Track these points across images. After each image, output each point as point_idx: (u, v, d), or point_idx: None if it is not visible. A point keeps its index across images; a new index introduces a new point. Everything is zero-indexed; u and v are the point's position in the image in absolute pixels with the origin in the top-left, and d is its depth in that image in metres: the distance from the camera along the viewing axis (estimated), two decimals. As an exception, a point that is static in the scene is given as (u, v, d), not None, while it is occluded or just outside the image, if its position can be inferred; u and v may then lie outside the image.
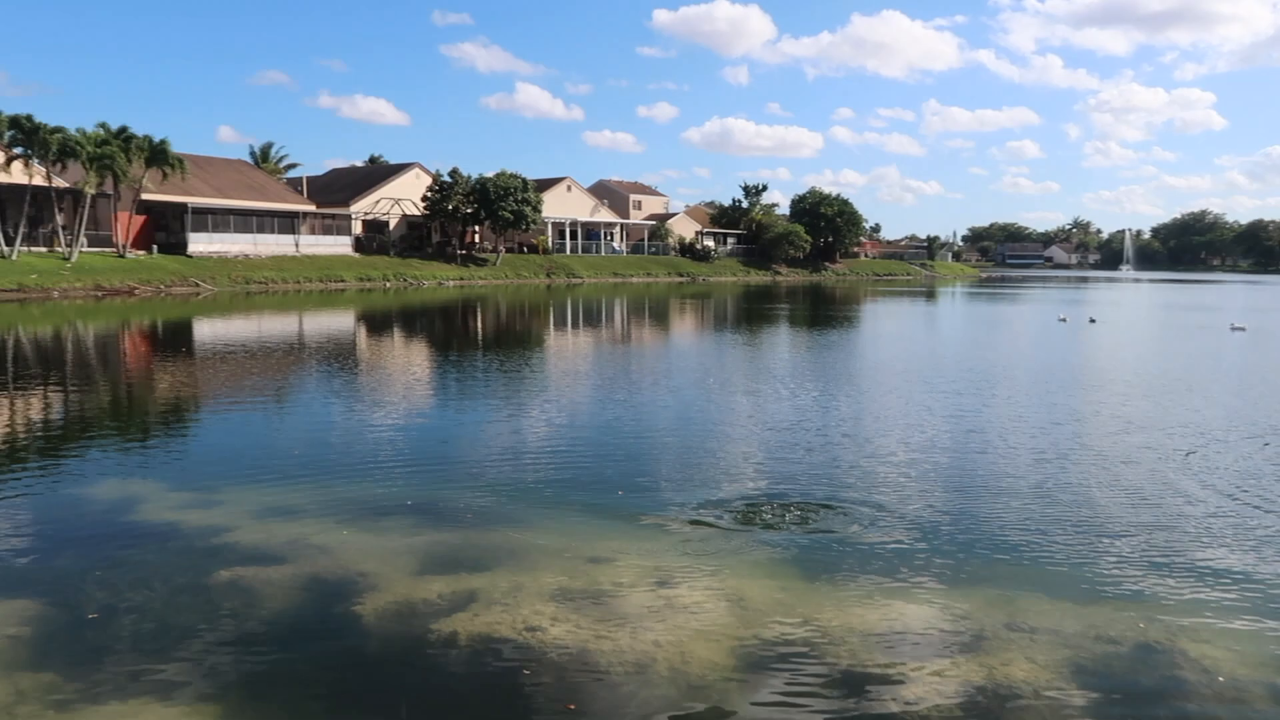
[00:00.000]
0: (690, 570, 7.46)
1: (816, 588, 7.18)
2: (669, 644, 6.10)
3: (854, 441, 12.89)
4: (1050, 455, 12.04)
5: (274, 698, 5.45)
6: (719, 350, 27.48)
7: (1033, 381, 20.08)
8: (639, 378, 20.29)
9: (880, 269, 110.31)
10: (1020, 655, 6.07)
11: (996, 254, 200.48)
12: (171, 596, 6.82)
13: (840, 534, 8.50)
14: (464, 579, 7.13)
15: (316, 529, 8.35)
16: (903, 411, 15.74)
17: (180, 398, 17.13)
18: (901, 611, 6.75)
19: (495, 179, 67.81)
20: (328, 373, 20.87)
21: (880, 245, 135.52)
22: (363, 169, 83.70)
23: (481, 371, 20.99)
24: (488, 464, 11.34)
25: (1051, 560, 7.91)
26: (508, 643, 6.07)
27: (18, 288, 40.58)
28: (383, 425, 14.12)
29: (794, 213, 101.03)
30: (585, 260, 78.97)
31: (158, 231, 54.15)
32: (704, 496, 9.64)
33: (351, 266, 60.14)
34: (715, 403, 16.56)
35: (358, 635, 6.24)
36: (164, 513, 8.93)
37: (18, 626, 6.21)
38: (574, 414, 15.30)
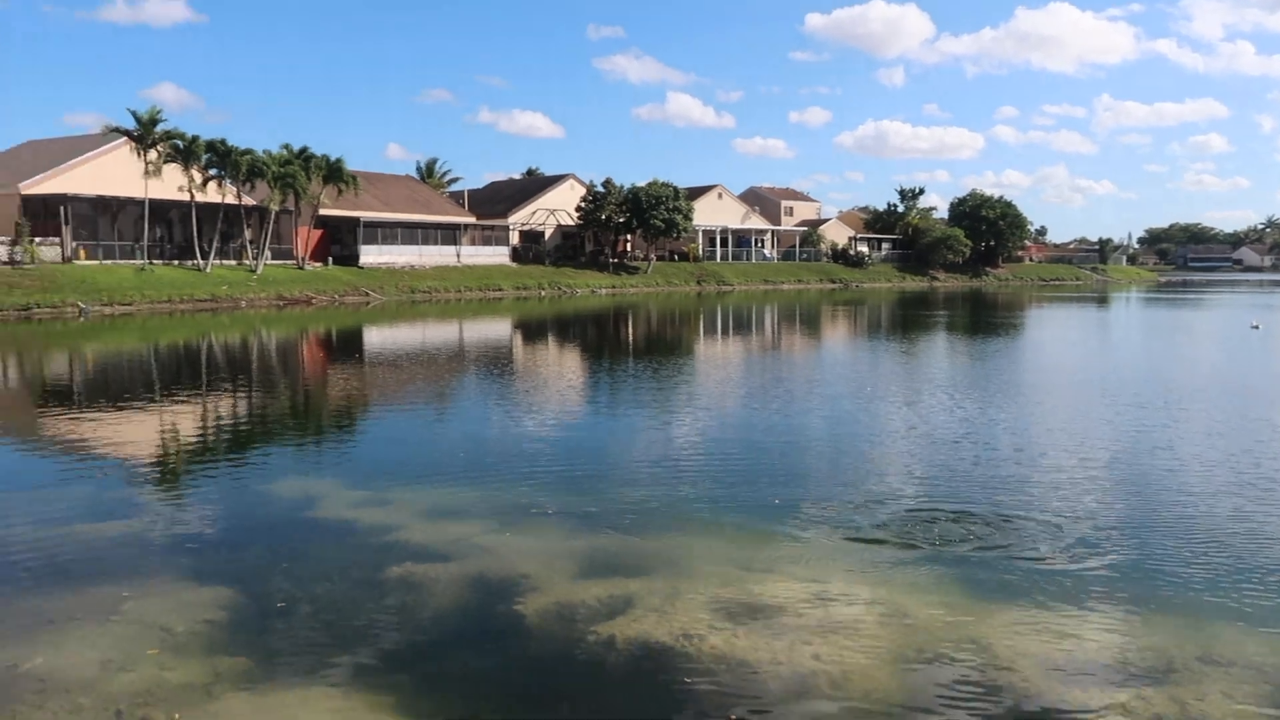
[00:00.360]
0: (850, 584, 7.27)
1: (986, 608, 6.85)
2: (829, 659, 5.95)
3: (1024, 455, 12.27)
4: (1249, 474, 11.08)
5: (441, 690, 5.65)
6: (874, 358, 26.80)
7: (1225, 394, 18.59)
8: (792, 385, 20.02)
9: (1046, 273, 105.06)
10: (1216, 690, 5.59)
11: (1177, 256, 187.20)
12: (349, 590, 7.19)
13: (1011, 552, 8.08)
14: (621, 583, 7.19)
15: (480, 529, 8.63)
16: (1079, 424, 14.87)
17: (352, 401, 18.12)
18: (1080, 638, 6.34)
19: (647, 188, 68.62)
20: (487, 378, 21.62)
21: (1046, 249, 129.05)
22: (520, 181, 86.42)
23: (633, 378, 21.23)
24: (642, 470, 11.43)
25: (1251, 589, 7.25)
26: (666, 649, 6.08)
27: (211, 298, 44.02)
28: (540, 430, 14.48)
29: (953, 216, 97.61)
30: (735, 267, 78.75)
31: (333, 244, 57.59)
32: (863, 509, 9.38)
33: (509, 276, 62.16)
34: (872, 412, 16.13)
35: (520, 634, 6.40)
36: (340, 510, 9.44)
37: (215, 612, 6.69)
38: (726, 421, 15.24)
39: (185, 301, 42.75)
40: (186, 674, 5.70)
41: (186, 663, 5.86)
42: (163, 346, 29.38)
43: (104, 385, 20.61)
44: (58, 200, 45.04)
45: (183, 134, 46.65)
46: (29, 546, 8.25)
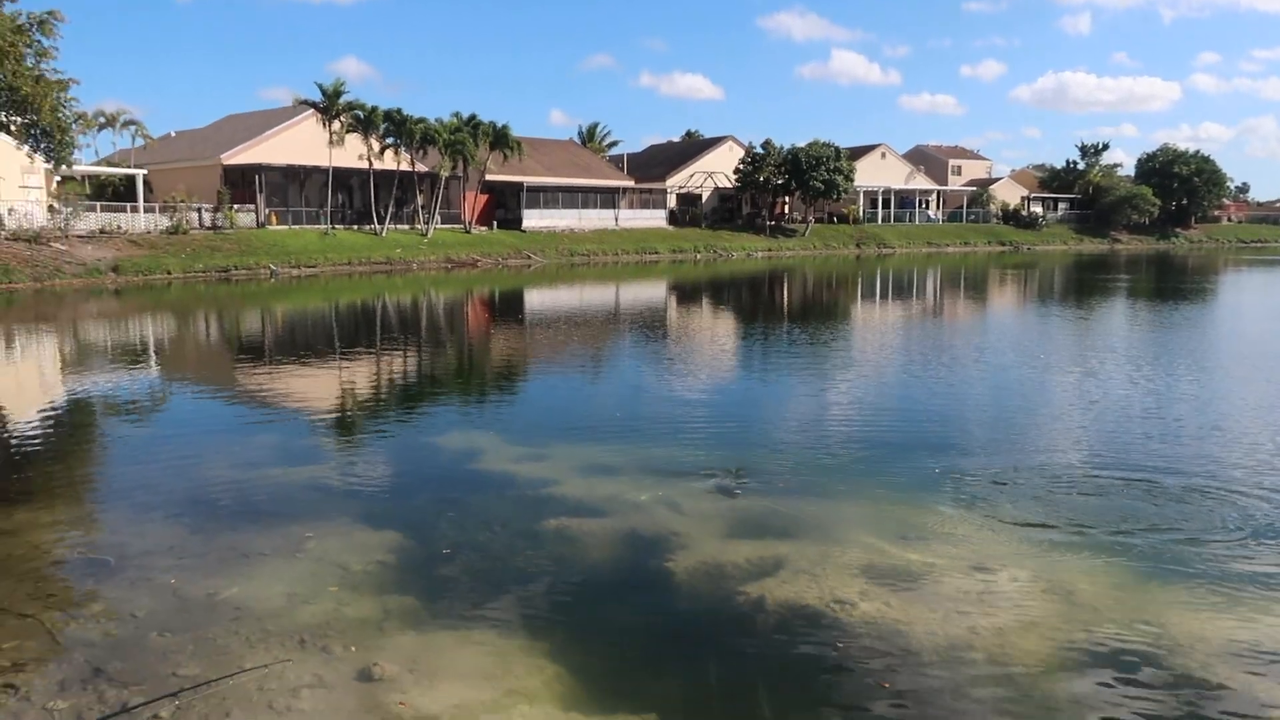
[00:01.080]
0: (1010, 557, 7.00)
1: (1159, 590, 6.45)
2: (987, 632, 5.77)
3: (1210, 431, 11.41)
4: None
5: (590, 639, 5.83)
6: (1045, 325, 25.43)
7: None
8: (954, 352, 19.29)
9: (1246, 235, 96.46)
10: None
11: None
12: (509, 539, 7.51)
13: (1189, 533, 7.56)
14: (771, 545, 7.19)
15: (632, 487, 8.81)
16: (1271, 399, 13.67)
17: (513, 360, 18.77)
18: (1264, 625, 5.89)
19: (807, 149, 67.14)
20: (642, 340, 21.90)
21: (1248, 208, 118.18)
22: (678, 144, 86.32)
23: (786, 342, 21.00)
24: (795, 433, 11.34)
25: None
26: (816, 613, 6.05)
27: (386, 260, 46.42)
28: (693, 391, 14.59)
29: (1140, 173, 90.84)
30: (897, 230, 76.18)
31: (497, 209, 59.43)
32: (1029, 482, 8.98)
33: (665, 239, 62.43)
34: (1043, 381, 15.36)
35: (669, 591, 6.52)
36: (501, 463, 9.84)
37: (388, 554, 7.14)
38: (884, 387, 14.88)
39: (363, 264, 45.26)
40: (360, 610, 6.12)
41: (361, 599, 6.29)
42: (342, 306, 31.27)
43: (291, 342, 22.17)
44: (253, 170, 48.49)
45: (363, 105, 49.08)
46: (226, 487, 9.03)
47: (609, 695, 5.14)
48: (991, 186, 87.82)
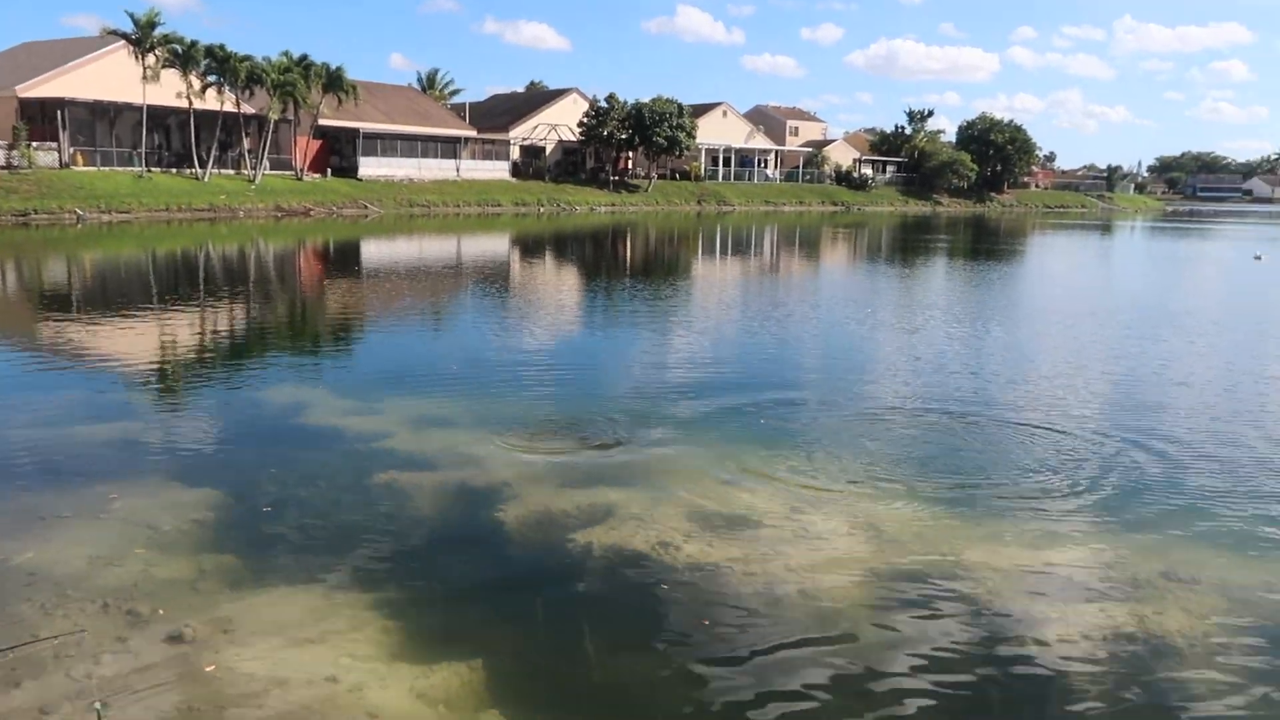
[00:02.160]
0: (827, 499, 7.40)
1: (959, 523, 6.99)
2: (801, 568, 6.10)
3: (1010, 381, 12.35)
4: (1231, 401, 11.18)
5: (420, 592, 5.79)
6: (872, 283, 26.73)
7: (1218, 322, 18.60)
8: (786, 307, 20.02)
9: (1051, 200, 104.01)
10: (1176, 606, 5.75)
11: (1186, 186, 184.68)
12: (335, 494, 7.32)
13: (990, 472, 8.22)
14: (602, 493, 7.32)
15: (466, 439, 8.74)
16: (1071, 351, 14.92)
17: (348, 313, 18.14)
18: (1049, 552, 6.49)
19: (651, 105, 67.39)
20: (483, 293, 21.60)
21: (1054, 175, 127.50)
22: (522, 95, 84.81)
23: (628, 296, 21.21)
24: (631, 385, 11.51)
25: (1222, 510, 7.39)
26: (642, 557, 6.22)
27: (209, 207, 43.63)
28: (532, 345, 14.55)
29: (961, 140, 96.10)
30: (737, 188, 77.84)
31: (331, 155, 56.79)
32: (847, 427, 9.49)
33: (508, 191, 61.48)
34: (867, 336, 16.17)
35: (499, 541, 6.54)
36: (331, 418, 9.54)
37: (203, 512, 6.82)
38: (720, 341, 15.29)
39: (183, 210, 42.38)
40: (172, 570, 5.84)
41: (172, 560, 6.00)
42: (160, 255, 29.26)
43: (101, 293, 20.60)
44: (55, 104, 44.22)
45: (181, 38, 45.55)
46: (23, 447, 8.36)
47: (436, 644, 5.13)
48: (826, 148, 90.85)
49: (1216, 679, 4.97)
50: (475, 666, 4.88)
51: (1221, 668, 5.07)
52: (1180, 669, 5.06)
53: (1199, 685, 4.90)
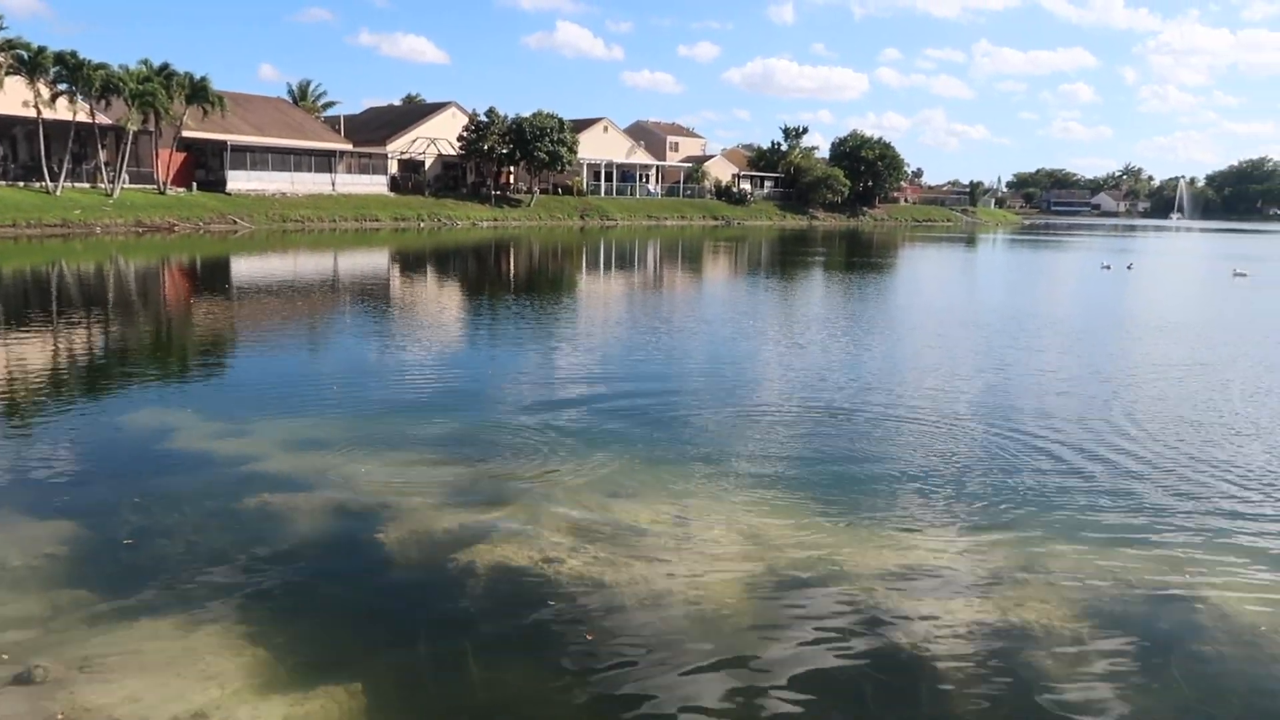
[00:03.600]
0: (709, 507, 7.52)
1: (834, 526, 7.21)
2: (684, 576, 6.18)
3: (883, 386, 12.83)
4: (1081, 401, 11.91)
5: (295, 619, 5.60)
6: (753, 294, 27.32)
7: (1071, 328, 19.77)
8: (667, 321, 20.26)
9: (919, 214, 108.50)
10: (1035, 598, 6.07)
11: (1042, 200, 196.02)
12: (202, 521, 7.01)
13: (863, 476, 8.51)
14: (485, 511, 7.25)
15: (344, 460, 8.51)
16: (935, 357, 15.60)
17: (217, 333, 17.40)
18: (918, 551, 6.77)
19: (531, 119, 67.25)
20: (361, 311, 21.09)
21: (921, 190, 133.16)
22: (399, 108, 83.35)
23: (511, 312, 21.08)
24: (515, 401, 11.43)
25: (1075, 506, 7.86)
26: (526, 573, 6.19)
27: (61, 223, 41.18)
28: (413, 363, 14.28)
29: (834, 156, 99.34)
30: (619, 202, 78.40)
31: (197, 169, 54.52)
32: (730, 436, 9.68)
33: (386, 206, 60.26)
34: (744, 346, 16.51)
35: (378, 563, 6.39)
36: (198, 442, 9.14)
37: (56, 546, 6.43)
38: (604, 355, 15.35)
39: (32, 226, 39.87)
40: (22, 609, 5.48)
41: (22, 598, 5.63)
42: (7, 274, 27.44)
43: (-62, 314, 19.16)
44: (-120, 113, 41.09)
45: (28, 44, 42.91)
46: None
47: (312, 671, 4.97)
48: (706, 164, 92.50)
49: (1071, 663, 5.27)
50: (354, 691, 4.76)
51: (1074, 652, 5.39)
52: (1038, 655, 5.35)
53: (1055, 669, 5.19)
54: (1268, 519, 7.63)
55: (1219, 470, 8.94)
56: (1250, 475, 8.82)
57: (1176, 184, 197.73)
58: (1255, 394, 12.90)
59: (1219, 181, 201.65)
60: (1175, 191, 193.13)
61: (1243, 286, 32.05)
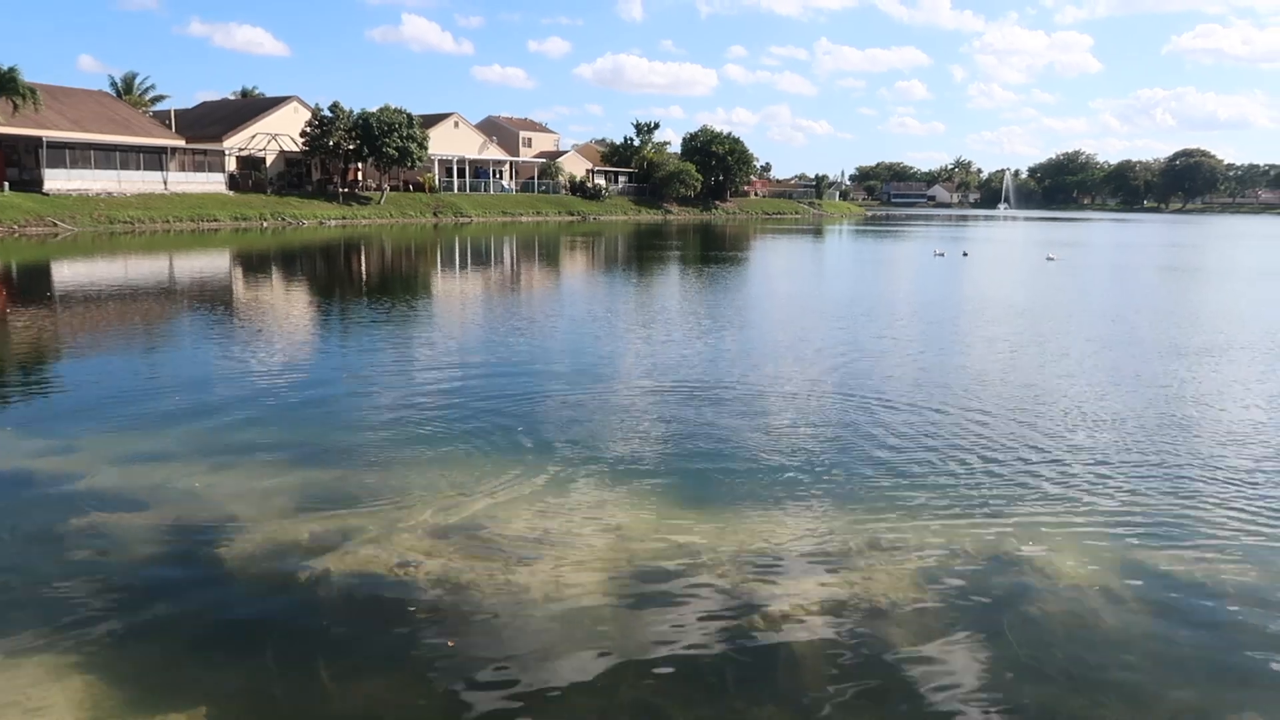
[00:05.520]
0: (569, 503, 7.52)
1: (693, 515, 7.34)
2: (545, 574, 6.16)
3: (736, 375, 13.14)
4: (919, 381, 12.54)
5: (130, 646, 5.27)
6: (609, 290, 27.48)
7: (908, 311, 20.80)
8: (525, 318, 20.14)
9: (769, 208, 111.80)
10: (882, 572, 6.36)
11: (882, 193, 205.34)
12: (21, 546, 6.50)
13: (719, 463, 8.70)
14: (337, 518, 7.02)
15: (182, 474, 8.06)
16: (786, 343, 16.11)
17: (38, 344, 16.13)
18: (773, 534, 6.97)
19: (379, 114, 65.47)
20: (201, 316, 20.01)
21: (770, 184, 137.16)
22: (236, 102, 79.50)
23: (363, 313, 20.47)
24: (367, 405, 11.11)
25: (916, 481, 8.27)
26: (381, 580, 6.03)
27: None
28: (259, 370, 13.64)
29: (685, 151, 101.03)
30: (473, 199, 77.35)
31: (9, 167, 50.42)
32: (589, 431, 9.70)
33: (225, 205, 57.40)
34: (603, 339, 16.59)
35: (222, 579, 6.09)
36: (16, 461, 8.46)
37: None
38: (458, 355, 15.10)
39: None
40: None
41: None
42: None
43: None
44: None
45: None
46: None
47: (152, 699, 4.69)
48: (560, 159, 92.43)
49: (915, 630, 5.56)
50: (196, 716, 4.52)
51: (917, 620, 5.68)
52: (885, 626, 5.61)
53: (901, 637, 5.46)
54: (1087, 485, 8.25)
55: (1045, 442, 9.60)
56: (1073, 446, 9.51)
57: (1003, 176, 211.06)
58: (1075, 371, 13.91)
59: (1040, 173, 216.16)
60: (1002, 183, 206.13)
61: (1053, 270, 34.67)
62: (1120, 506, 7.73)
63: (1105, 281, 31.90)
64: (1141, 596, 6.08)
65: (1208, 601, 6.03)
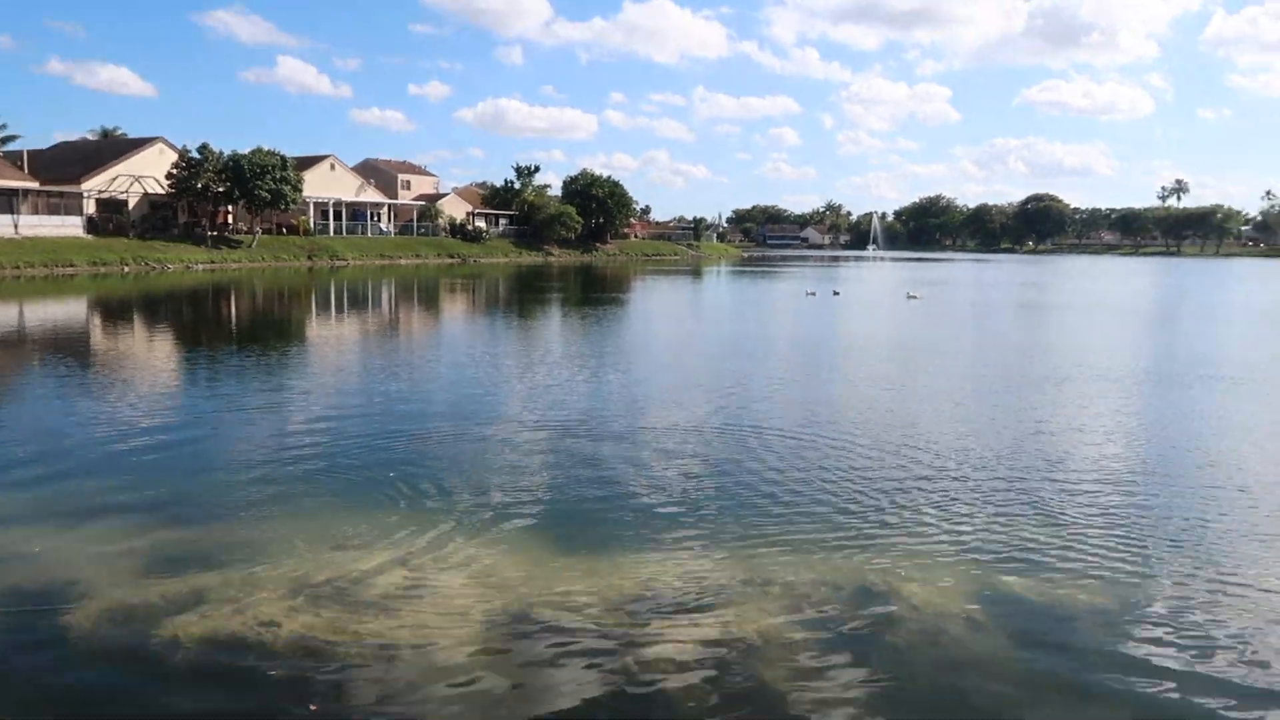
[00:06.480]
0: (441, 551, 7.37)
1: (566, 559, 7.30)
2: (415, 627, 6.01)
3: (614, 416, 13.18)
4: (788, 419, 12.86)
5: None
6: (489, 333, 27.24)
7: (782, 350, 21.35)
8: (400, 364, 19.75)
9: (649, 249, 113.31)
10: (754, 607, 6.45)
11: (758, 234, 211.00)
12: None
13: (595, 505, 8.69)
14: (192, 578, 6.67)
15: (21, 538, 7.53)
16: (665, 385, 16.28)
17: None
18: (646, 576, 6.99)
19: (251, 156, 63.52)
20: (50, 367, 18.82)
21: (650, 226, 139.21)
22: (96, 143, 75.83)
23: (230, 361, 19.66)
24: (230, 458, 10.64)
25: (785, 517, 8.45)
26: (240, 642, 5.75)
27: None
28: (111, 423, 12.88)
29: (566, 194, 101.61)
30: (350, 242, 75.66)
31: None
32: (460, 477, 9.55)
33: (83, 250, 54.43)
34: (477, 384, 16.40)
35: (67, 646, 5.69)
36: None
37: None
38: (340, 400, 14.67)
39: None
40: None
41: None
42: None
43: None
44: None
45: None
46: None
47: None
48: (439, 202, 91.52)
49: (788, 666, 5.65)
50: (29, 802, 4.19)
51: (789, 655, 5.78)
52: (758, 662, 5.68)
53: (773, 674, 5.54)
54: (950, 515, 8.59)
55: (909, 474, 9.96)
56: (936, 478, 9.90)
57: (871, 219, 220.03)
58: (938, 405, 14.52)
59: (905, 216, 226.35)
60: (870, 226, 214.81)
61: (916, 308, 36.32)
62: (980, 535, 8.07)
63: (964, 318, 33.58)
64: (1000, 623, 6.34)
65: (1061, 625, 6.34)
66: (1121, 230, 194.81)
